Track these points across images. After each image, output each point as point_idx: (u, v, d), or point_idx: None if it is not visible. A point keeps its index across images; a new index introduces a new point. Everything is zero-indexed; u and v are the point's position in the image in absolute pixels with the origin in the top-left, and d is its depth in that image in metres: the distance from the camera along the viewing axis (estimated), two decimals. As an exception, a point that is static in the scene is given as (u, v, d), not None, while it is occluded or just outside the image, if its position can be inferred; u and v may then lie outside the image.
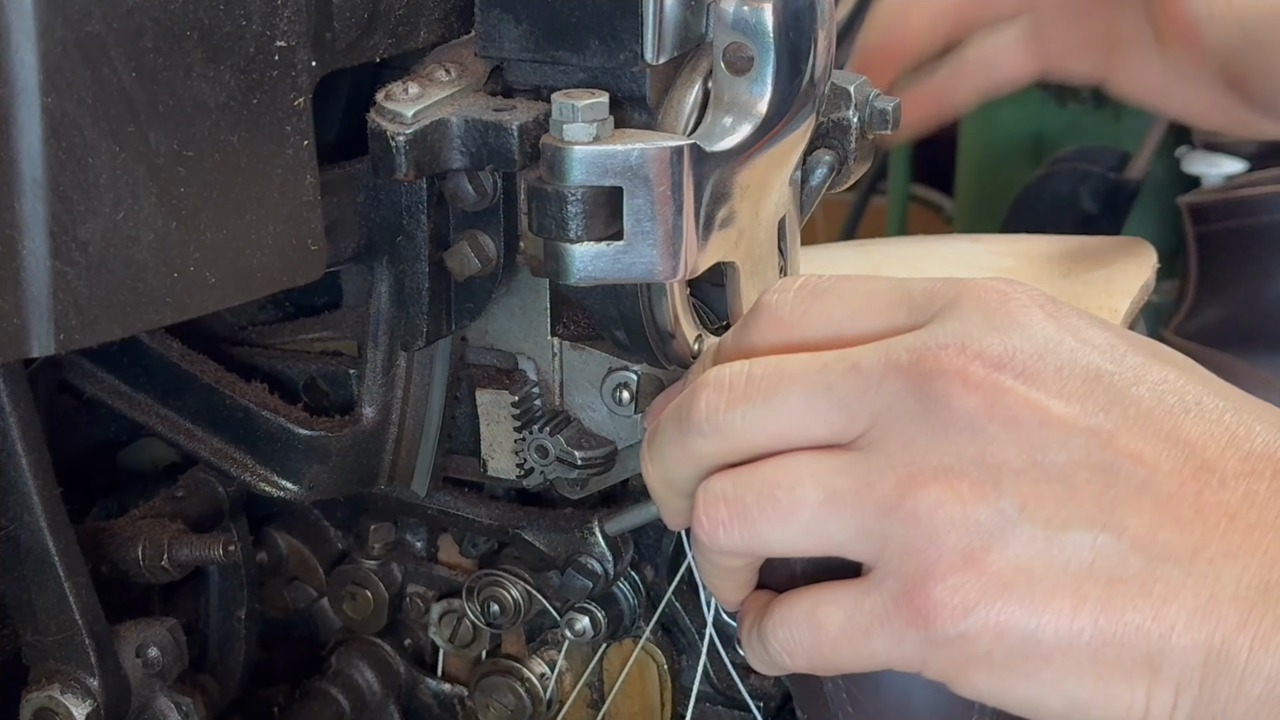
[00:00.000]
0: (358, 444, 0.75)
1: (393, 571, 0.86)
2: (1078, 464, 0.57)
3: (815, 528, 0.60)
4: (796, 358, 0.61)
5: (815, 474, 0.60)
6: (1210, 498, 0.57)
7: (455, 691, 0.87)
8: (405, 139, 0.65)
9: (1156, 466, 0.57)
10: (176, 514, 0.80)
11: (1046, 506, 0.57)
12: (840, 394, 0.60)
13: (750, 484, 0.61)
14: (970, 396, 0.58)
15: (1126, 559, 0.56)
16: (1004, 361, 0.58)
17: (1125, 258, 0.86)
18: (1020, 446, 0.58)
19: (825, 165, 0.77)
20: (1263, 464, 0.57)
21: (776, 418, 0.61)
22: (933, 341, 0.59)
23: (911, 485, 0.58)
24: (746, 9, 0.65)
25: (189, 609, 0.85)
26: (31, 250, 0.56)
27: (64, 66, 0.55)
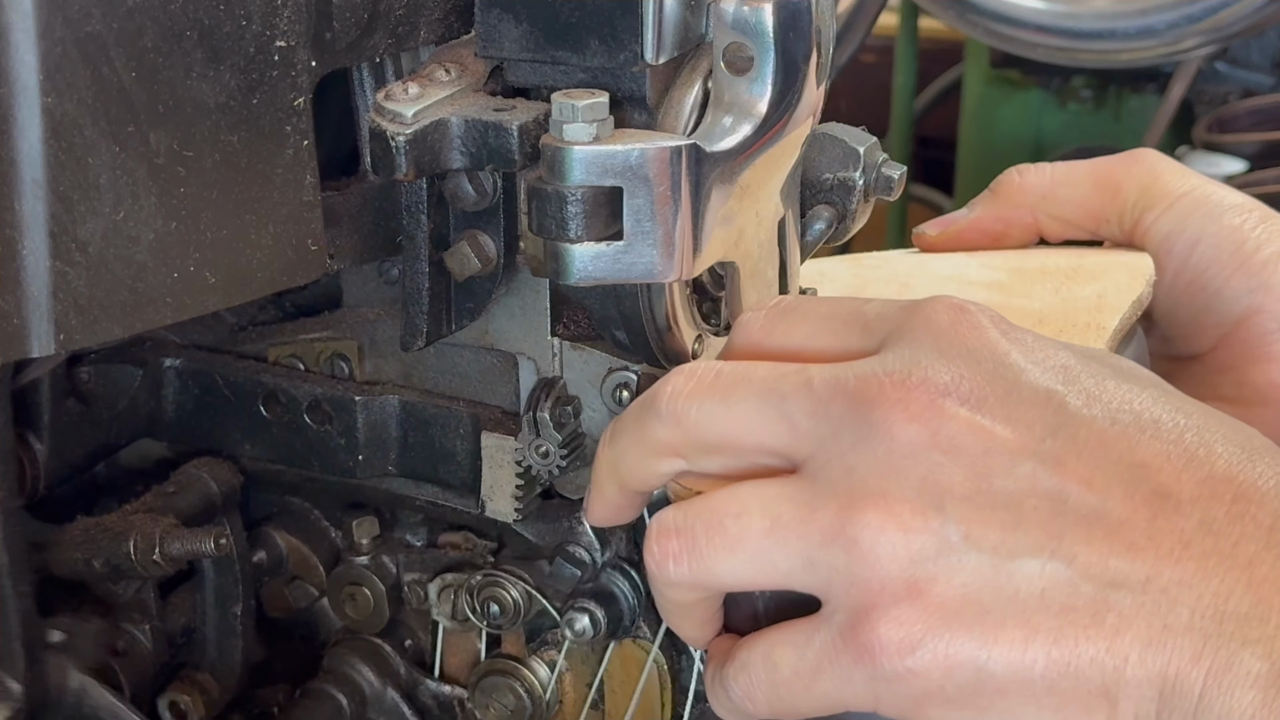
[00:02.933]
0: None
1: (385, 564, 0.86)
2: (1025, 490, 0.56)
3: (762, 557, 0.59)
4: (763, 366, 0.61)
5: (762, 502, 0.59)
6: (1164, 524, 0.55)
7: (455, 693, 0.87)
8: (405, 139, 0.65)
9: (1108, 492, 0.56)
10: (169, 509, 0.80)
11: (993, 534, 0.56)
12: (790, 407, 0.59)
13: (700, 514, 0.60)
14: (912, 425, 0.57)
15: (1077, 587, 0.55)
16: (949, 388, 0.57)
17: (1121, 271, 0.84)
18: (965, 473, 0.56)
19: (824, 220, 0.78)
20: (1222, 487, 0.56)
21: (730, 417, 0.60)
22: (880, 368, 0.58)
23: (851, 511, 0.57)
24: (746, 9, 0.65)
25: (186, 607, 0.85)
26: (31, 250, 0.56)
27: (64, 66, 0.55)
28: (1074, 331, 0.77)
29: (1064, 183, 0.88)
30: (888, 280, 0.85)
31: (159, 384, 0.83)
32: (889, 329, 0.60)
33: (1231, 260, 0.83)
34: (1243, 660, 0.53)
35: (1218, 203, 0.85)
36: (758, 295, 0.73)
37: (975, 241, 0.89)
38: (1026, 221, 0.88)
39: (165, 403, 0.84)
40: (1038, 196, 0.88)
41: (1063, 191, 0.88)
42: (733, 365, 0.62)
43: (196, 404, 0.83)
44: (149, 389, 0.83)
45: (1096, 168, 0.88)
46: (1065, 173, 0.88)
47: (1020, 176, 0.89)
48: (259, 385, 0.82)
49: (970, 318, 0.60)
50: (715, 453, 0.62)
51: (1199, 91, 2.07)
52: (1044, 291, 0.82)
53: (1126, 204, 0.86)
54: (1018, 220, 0.88)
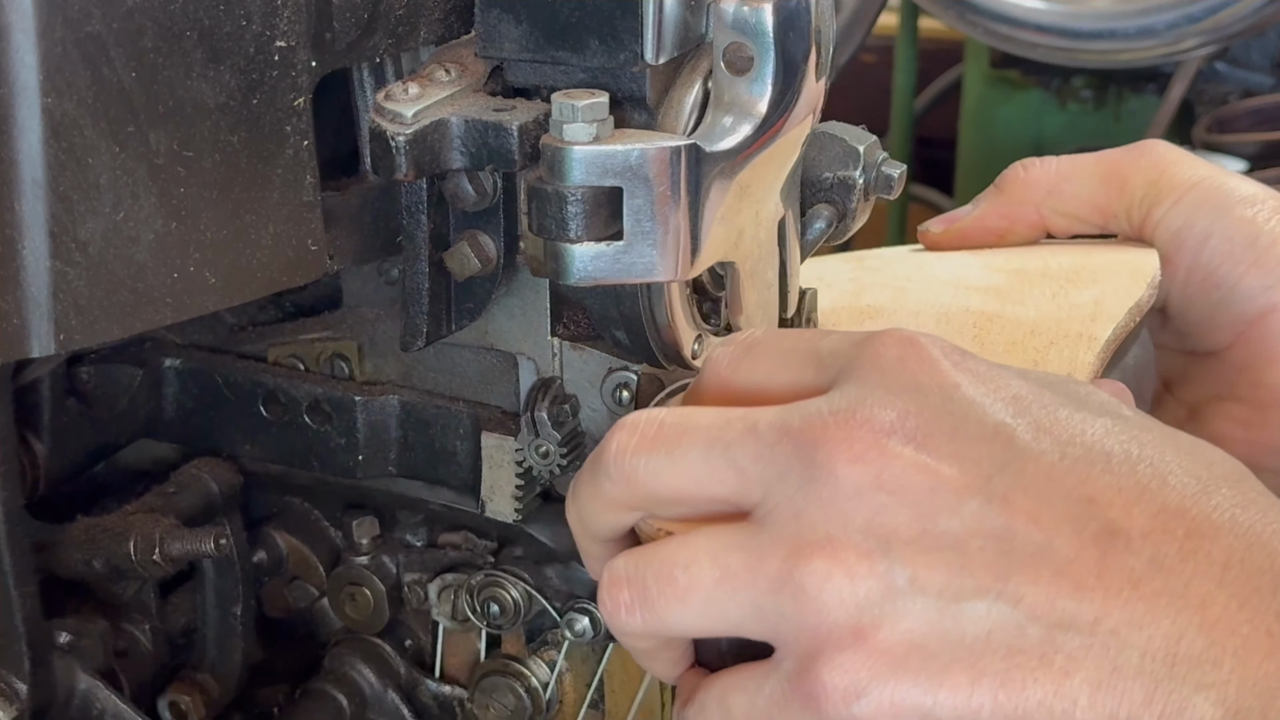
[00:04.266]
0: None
1: (385, 564, 0.86)
2: (971, 530, 0.55)
3: (712, 607, 0.58)
4: (706, 412, 0.60)
5: (711, 551, 0.58)
6: (1114, 562, 0.54)
7: (455, 693, 0.87)
8: (405, 139, 0.65)
9: (1056, 529, 0.54)
10: (169, 509, 0.80)
11: (938, 576, 0.54)
12: (735, 454, 0.58)
13: (651, 563, 0.59)
14: (855, 465, 0.56)
15: (1024, 629, 0.54)
16: (893, 427, 0.56)
17: (1123, 274, 0.83)
18: (910, 514, 0.55)
19: (824, 219, 0.77)
20: (1174, 522, 0.54)
21: (676, 470, 0.59)
22: (826, 408, 0.57)
23: (798, 558, 0.55)
24: (746, 9, 0.65)
25: (186, 608, 0.85)
26: (31, 250, 0.56)
27: (64, 66, 0.55)
28: (1065, 342, 0.76)
29: (1069, 177, 0.87)
30: (885, 284, 0.85)
31: (159, 384, 0.83)
32: (841, 365, 0.59)
33: (1246, 255, 0.82)
34: (1195, 705, 0.52)
35: (1228, 194, 0.83)
36: (758, 295, 0.73)
37: (980, 239, 0.88)
38: (1032, 218, 0.87)
39: (165, 403, 0.84)
40: (1043, 192, 0.87)
41: (1068, 187, 0.87)
42: (676, 415, 0.60)
43: (196, 404, 0.83)
44: (149, 389, 0.83)
45: (1102, 161, 0.87)
46: (1070, 167, 0.87)
47: (1025, 171, 0.88)
48: (259, 385, 0.82)
49: (919, 351, 0.58)
50: (668, 505, 0.61)
51: (1199, 91, 2.07)
52: (1041, 297, 0.81)
53: (1134, 198, 0.85)
54: (1023, 217, 0.87)
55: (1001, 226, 0.87)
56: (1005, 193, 0.88)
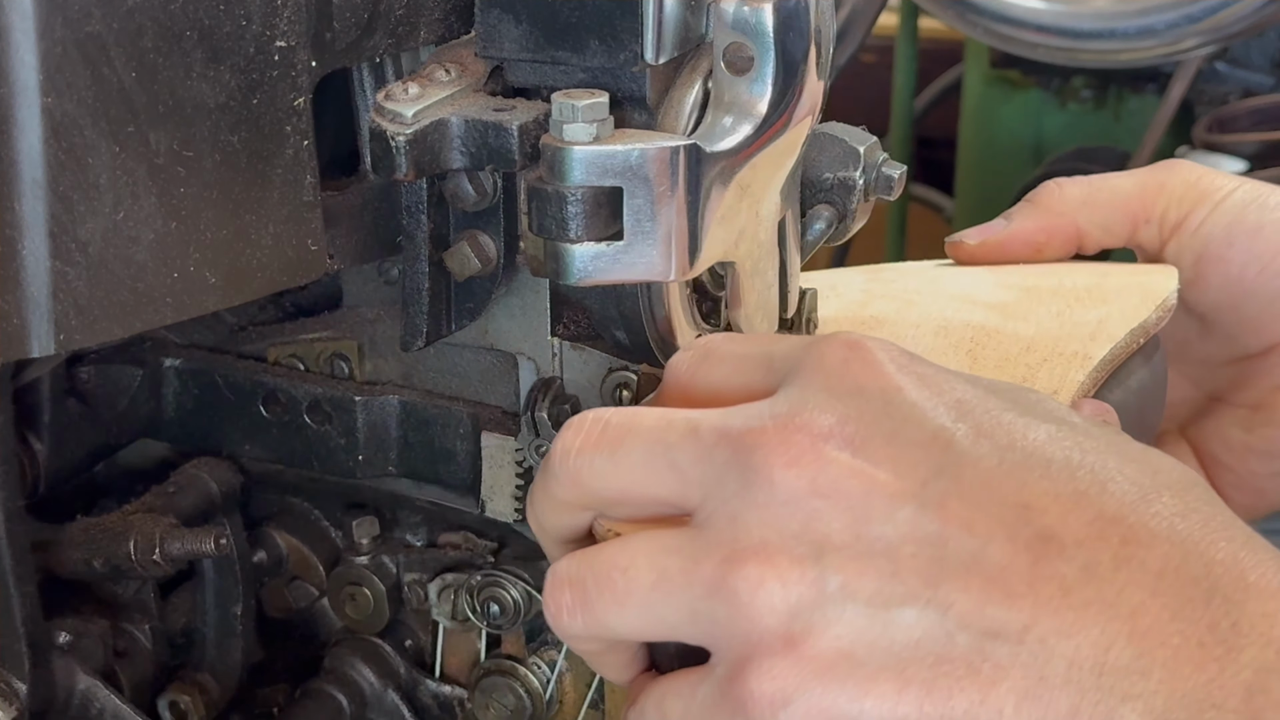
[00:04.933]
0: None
1: (385, 564, 0.86)
2: (904, 536, 0.54)
3: (649, 611, 0.57)
4: (650, 413, 0.60)
5: (649, 554, 0.58)
6: (1045, 569, 0.53)
7: (455, 693, 0.87)
8: (405, 139, 0.65)
9: (990, 536, 0.54)
10: (169, 509, 0.80)
11: (870, 583, 0.54)
12: (676, 456, 0.58)
13: (591, 566, 0.59)
14: (790, 470, 0.55)
15: (953, 637, 0.53)
16: (831, 432, 0.56)
17: (1134, 295, 0.82)
18: (845, 520, 0.55)
19: (824, 220, 0.77)
20: (1110, 529, 0.54)
21: (619, 471, 0.59)
22: (766, 412, 0.57)
23: (732, 563, 0.55)
24: (746, 9, 0.65)
25: (186, 608, 0.85)
26: (31, 250, 0.56)
27: (64, 66, 0.55)
28: (1059, 360, 0.76)
29: (1104, 188, 0.87)
30: (893, 295, 0.84)
31: (159, 384, 0.83)
32: (788, 369, 0.59)
33: None
34: (1122, 716, 0.52)
35: (1270, 193, 0.84)
36: (757, 295, 0.73)
37: (1017, 252, 0.87)
38: (1069, 230, 0.87)
39: (165, 403, 0.84)
40: (1078, 204, 0.87)
41: (1103, 196, 0.87)
42: (621, 415, 0.60)
43: (196, 404, 0.83)
44: (149, 389, 0.83)
45: (1137, 173, 0.87)
46: (1105, 179, 0.87)
47: (1060, 187, 0.87)
48: (259, 385, 0.82)
49: (863, 354, 0.58)
50: (614, 506, 0.61)
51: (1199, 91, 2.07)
52: (1046, 315, 0.81)
53: (1171, 202, 0.85)
54: (1060, 229, 0.87)
55: (1039, 240, 0.87)
56: (1041, 206, 0.87)
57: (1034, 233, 0.87)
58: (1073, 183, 0.88)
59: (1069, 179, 0.88)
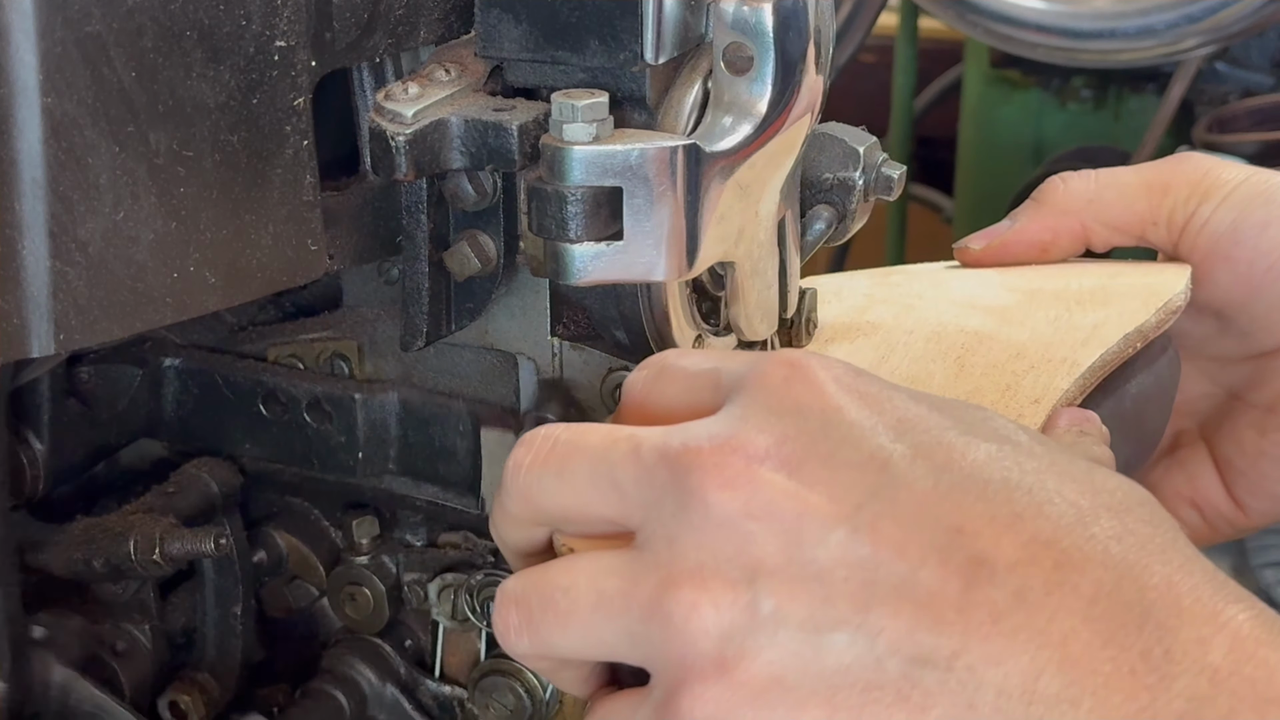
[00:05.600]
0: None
1: (385, 564, 0.86)
2: (836, 560, 0.54)
3: (590, 632, 0.57)
4: (597, 431, 0.60)
5: (590, 575, 0.58)
6: (977, 595, 0.53)
7: (455, 693, 0.87)
8: (405, 139, 0.65)
9: (922, 560, 0.53)
10: (169, 509, 0.80)
11: (802, 607, 0.54)
12: (619, 476, 0.58)
13: (536, 585, 0.59)
14: (724, 492, 0.55)
15: (883, 663, 0.53)
16: (767, 453, 0.55)
17: (1136, 297, 0.81)
18: (778, 543, 0.54)
19: (823, 220, 0.77)
20: (1043, 553, 0.53)
21: (565, 489, 0.59)
22: (704, 432, 0.56)
23: (668, 587, 0.55)
24: (746, 9, 0.65)
25: (186, 608, 0.85)
26: (31, 250, 0.56)
27: (64, 66, 0.55)
28: (1046, 367, 0.75)
29: (1110, 185, 0.85)
30: (894, 300, 0.83)
31: (159, 384, 0.83)
32: (732, 387, 0.59)
33: None
34: None
35: (1278, 186, 0.82)
36: (757, 295, 0.73)
37: (1022, 253, 0.86)
38: (1075, 229, 0.86)
39: (165, 402, 0.84)
40: (1084, 202, 0.85)
41: (1109, 194, 0.85)
42: (570, 433, 0.60)
43: (196, 404, 0.83)
44: (149, 389, 0.83)
45: (1143, 169, 0.86)
46: (1111, 176, 0.86)
47: (1064, 183, 0.86)
48: (259, 384, 0.82)
49: (803, 373, 0.57)
50: (564, 523, 0.61)
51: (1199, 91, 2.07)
52: (1043, 319, 0.80)
53: (1178, 199, 0.84)
54: (1065, 228, 0.86)
55: (1045, 239, 0.86)
56: (1045, 205, 0.86)
57: (1039, 232, 0.86)
58: (1078, 178, 0.86)
59: (1074, 174, 0.87)
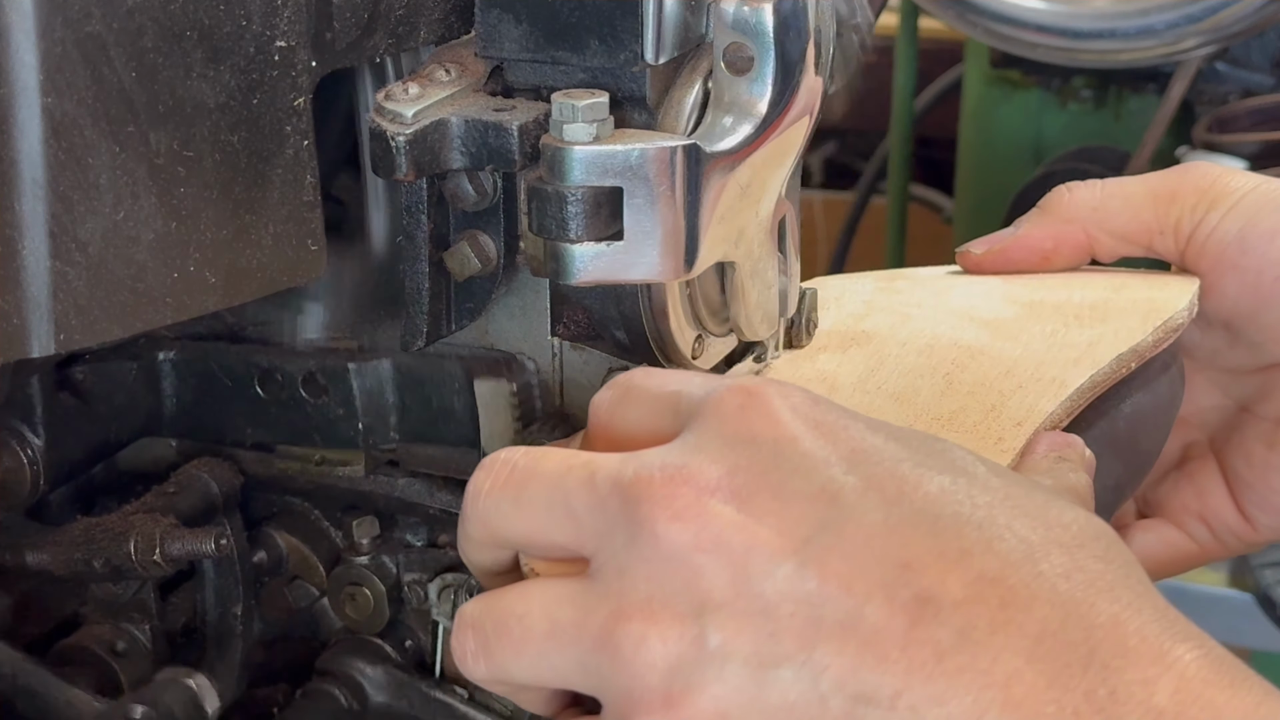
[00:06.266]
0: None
1: (386, 564, 0.86)
2: (783, 594, 0.53)
3: (543, 661, 0.57)
4: (554, 456, 0.59)
5: (544, 603, 0.58)
6: (921, 633, 0.52)
7: (455, 693, 0.87)
8: (405, 139, 0.65)
9: (868, 596, 0.53)
10: (169, 509, 0.80)
11: (748, 642, 0.53)
12: (573, 504, 0.57)
13: (492, 611, 0.59)
14: (674, 524, 0.55)
15: (826, 701, 0.52)
16: (717, 485, 0.55)
17: (1135, 315, 0.80)
18: (726, 576, 0.54)
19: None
20: (990, 590, 0.53)
21: (521, 515, 0.59)
22: (657, 461, 0.56)
23: (618, 619, 0.55)
24: (746, 9, 0.65)
25: (186, 608, 0.85)
26: (31, 250, 0.56)
27: (64, 66, 0.55)
28: (1035, 386, 0.74)
29: (1116, 194, 0.84)
30: (893, 309, 0.83)
31: (155, 378, 0.84)
32: (690, 413, 0.58)
33: None
34: None
35: None
36: (758, 295, 0.73)
37: (1023, 260, 0.85)
38: (1078, 238, 0.85)
39: (164, 396, 0.84)
40: (1088, 210, 0.84)
41: (1114, 203, 0.84)
42: (528, 458, 0.60)
43: (194, 394, 0.83)
44: (146, 383, 0.83)
45: (1149, 178, 0.85)
46: (1117, 185, 0.85)
47: (1070, 192, 0.85)
48: (253, 365, 0.82)
49: (759, 402, 0.57)
50: (523, 547, 0.61)
51: (1199, 91, 2.07)
52: (1039, 334, 0.79)
53: (1184, 208, 0.83)
54: (1068, 237, 0.85)
55: (1046, 247, 0.85)
56: (1050, 212, 0.85)
57: (1041, 240, 0.85)
58: (1084, 187, 0.85)
59: (1080, 183, 0.86)
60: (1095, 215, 0.84)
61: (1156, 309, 0.80)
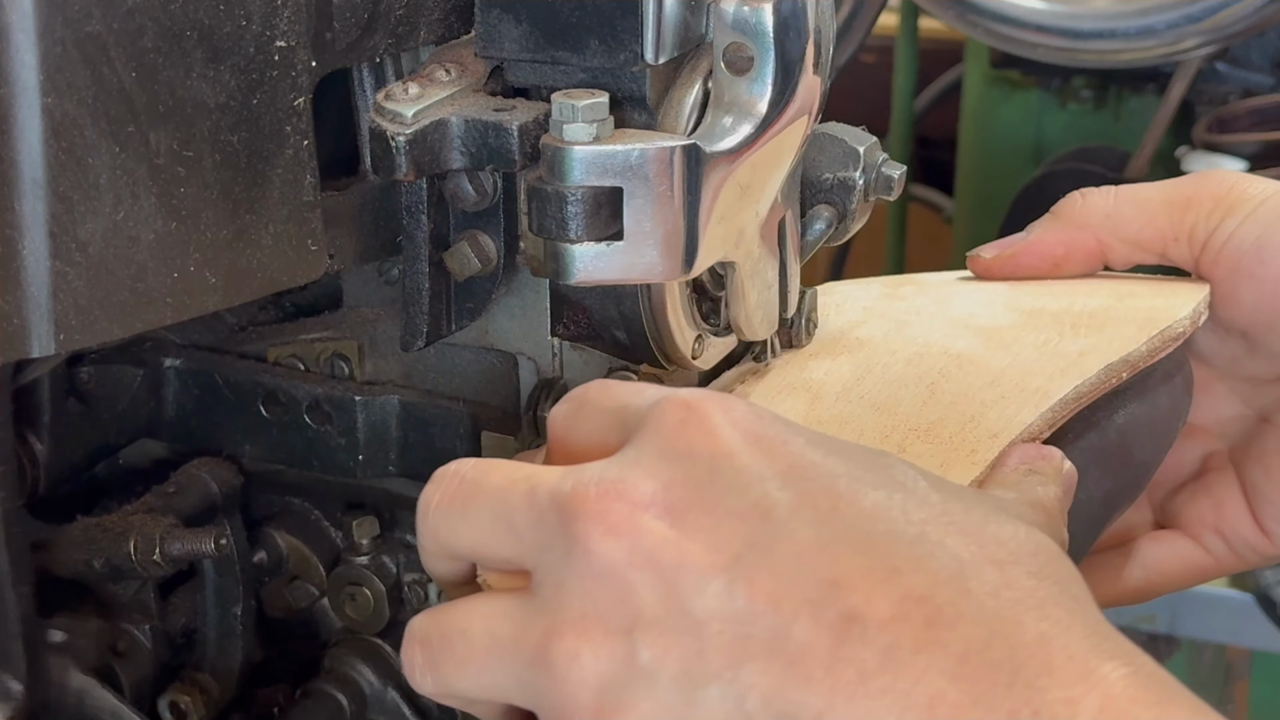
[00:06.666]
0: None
1: (386, 564, 0.86)
2: (712, 612, 0.53)
3: (485, 675, 0.57)
4: (500, 469, 0.59)
5: (486, 618, 0.58)
6: (846, 652, 0.52)
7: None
8: (405, 139, 0.65)
9: (795, 614, 0.52)
10: (169, 509, 0.80)
11: (676, 660, 0.53)
12: (515, 519, 0.58)
13: (438, 626, 0.59)
14: (607, 540, 0.54)
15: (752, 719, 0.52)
16: (651, 500, 0.55)
17: (1132, 324, 0.79)
18: (657, 593, 0.54)
19: (824, 220, 0.77)
20: (916, 609, 0.52)
21: (468, 528, 0.59)
22: (595, 476, 0.56)
23: (552, 635, 0.55)
24: (746, 9, 0.65)
25: (186, 608, 0.85)
26: (31, 250, 0.56)
27: (64, 66, 0.55)
28: (1017, 397, 0.73)
29: (1130, 201, 0.83)
30: (891, 316, 0.82)
31: (159, 384, 0.84)
32: (634, 426, 0.58)
33: None
34: None
35: None
36: (757, 295, 0.73)
37: (1033, 266, 0.84)
38: (1090, 245, 0.83)
39: (165, 403, 0.84)
40: (1101, 216, 0.83)
41: (1128, 210, 0.83)
42: (476, 471, 0.60)
43: (197, 404, 0.83)
44: (149, 389, 0.83)
45: (1165, 185, 0.84)
46: (1131, 191, 0.84)
47: (1083, 198, 0.84)
48: (259, 385, 0.82)
49: (698, 417, 0.57)
50: (473, 560, 0.61)
51: (1199, 91, 2.07)
52: (1032, 343, 0.78)
53: (1200, 214, 0.81)
54: (1080, 243, 0.83)
55: (1057, 254, 0.84)
56: (1062, 218, 0.84)
57: (1052, 245, 0.84)
58: (1098, 193, 0.84)
59: (1094, 189, 0.85)
60: (1108, 222, 0.83)
61: (1155, 318, 0.79)
